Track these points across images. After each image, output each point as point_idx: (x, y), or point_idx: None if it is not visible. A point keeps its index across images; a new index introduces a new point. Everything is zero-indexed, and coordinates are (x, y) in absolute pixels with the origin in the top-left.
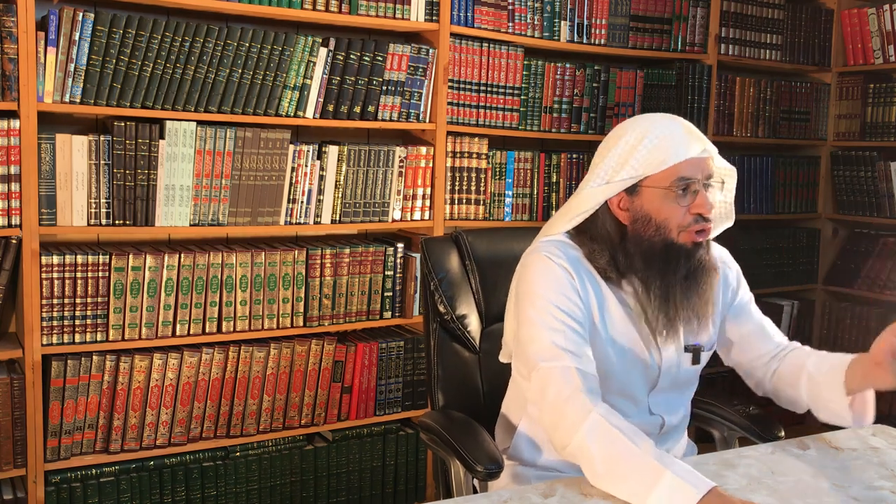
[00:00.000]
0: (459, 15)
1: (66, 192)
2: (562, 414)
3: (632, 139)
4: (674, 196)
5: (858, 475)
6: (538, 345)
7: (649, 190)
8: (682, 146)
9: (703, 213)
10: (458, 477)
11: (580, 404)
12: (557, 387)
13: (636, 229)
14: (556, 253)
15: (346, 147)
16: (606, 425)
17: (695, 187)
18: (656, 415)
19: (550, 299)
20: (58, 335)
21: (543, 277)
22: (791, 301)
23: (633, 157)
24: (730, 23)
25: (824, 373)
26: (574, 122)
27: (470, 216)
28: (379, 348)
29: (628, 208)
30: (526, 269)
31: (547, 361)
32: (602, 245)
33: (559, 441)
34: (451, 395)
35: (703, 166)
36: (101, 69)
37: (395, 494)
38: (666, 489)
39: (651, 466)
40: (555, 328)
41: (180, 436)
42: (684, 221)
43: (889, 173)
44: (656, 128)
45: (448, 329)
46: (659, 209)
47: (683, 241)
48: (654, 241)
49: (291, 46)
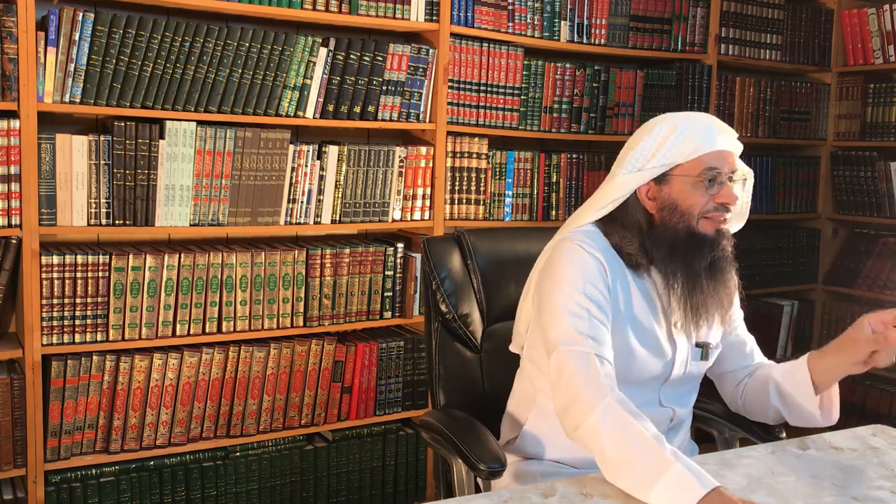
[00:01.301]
0: (459, 15)
1: (66, 192)
2: (577, 395)
3: (664, 130)
4: (702, 185)
5: (858, 475)
6: (560, 328)
7: (679, 178)
8: (712, 138)
9: (728, 202)
10: (461, 476)
11: (596, 387)
12: (574, 369)
13: (662, 217)
14: (587, 242)
15: (346, 147)
16: (621, 411)
17: (721, 178)
18: (667, 407)
19: (577, 286)
20: (58, 335)
21: (572, 264)
22: (791, 301)
23: (665, 146)
24: (730, 23)
25: (789, 375)
26: (574, 122)
27: (470, 216)
28: (379, 348)
29: (655, 197)
30: (556, 256)
31: (567, 345)
32: (632, 232)
33: (572, 421)
34: (452, 395)
35: (729, 160)
36: (101, 69)
37: (395, 494)
38: (671, 481)
39: (660, 457)
40: (578, 314)
41: (180, 436)
42: (706, 208)
43: (889, 173)
44: (688, 121)
45: (449, 328)
46: (686, 197)
47: (704, 229)
48: (679, 229)
49: (291, 46)
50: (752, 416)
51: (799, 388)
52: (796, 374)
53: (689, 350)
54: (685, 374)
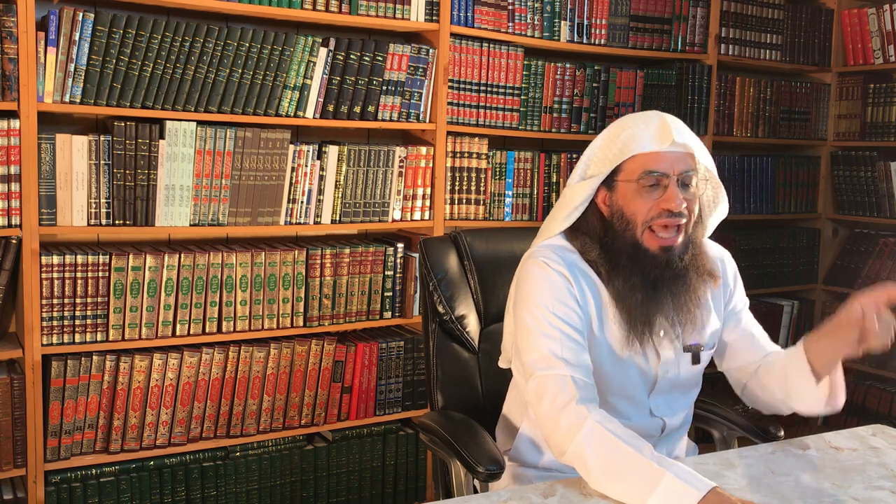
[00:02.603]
0: (459, 15)
1: (66, 192)
2: (557, 422)
3: (607, 134)
4: (642, 190)
5: (858, 475)
6: (535, 353)
7: (622, 184)
8: (648, 139)
9: (671, 207)
10: (459, 478)
11: (575, 412)
12: (553, 395)
13: (613, 224)
14: (552, 258)
15: (346, 147)
16: (603, 431)
17: (665, 182)
18: (657, 417)
19: (548, 306)
20: (58, 335)
21: (540, 284)
22: (791, 301)
23: (603, 150)
24: (730, 23)
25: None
26: (574, 122)
27: (470, 216)
28: (379, 348)
29: (609, 204)
30: (523, 275)
31: (543, 370)
32: (592, 239)
33: (557, 448)
34: (450, 396)
35: (676, 162)
36: (101, 69)
37: (395, 494)
38: (665, 491)
39: (650, 469)
40: (551, 336)
41: (180, 436)
42: (649, 216)
43: (889, 173)
44: (632, 122)
45: (447, 329)
46: (629, 203)
47: (648, 244)
48: (626, 238)
49: (291, 46)
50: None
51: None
52: (794, 360)
53: (677, 355)
54: (676, 380)
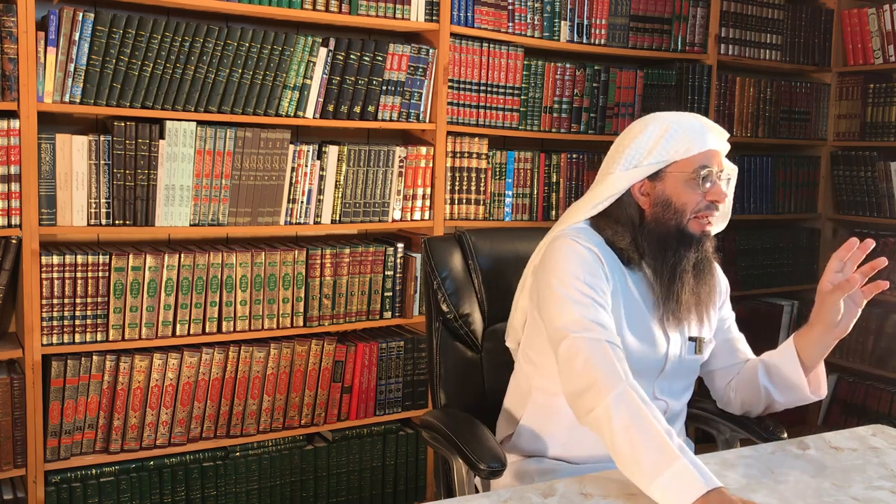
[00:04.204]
0: (459, 15)
1: (66, 192)
2: (592, 379)
3: (657, 129)
4: (695, 182)
5: (858, 475)
6: (567, 317)
7: (673, 175)
8: (705, 137)
9: (719, 200)
10: (461, 475)
11: (611, 373)
12: (588, 355)
13: (655, 213)
14: (581, 237)
15: (346, 147)
16: (634, 398)
17: (712, 177)
18: (660, 399)
19: (577, 275)
20: (58, 335)
21: (571, 258)
22: (791, 301)
23: (661, 144)
24: (730, 23)
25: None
26: (574, 122)
27: (470, 216)
28: (379, 348)
29: (649, 193)
30: (551, 251)
31: (577, 332)
32: (625, 227)
33: (585, 405)
34: (453, 394)
35: (719, 159)
36: (101, 69)
37: (395, 494)
38: (675, 475)
39: (668, 449)
40: (582, 302)
41: (180, 436)
42: (699, 206)
43: (889, 173)
44: (680, 120)
45: (450, 328)
46: (680, 193)
47: (693, 229)
48: (670, 225)
49: (291, 46)
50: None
51: (785, 361)
52: (783, 350)
53: (683, 344)
54: (679, 367)
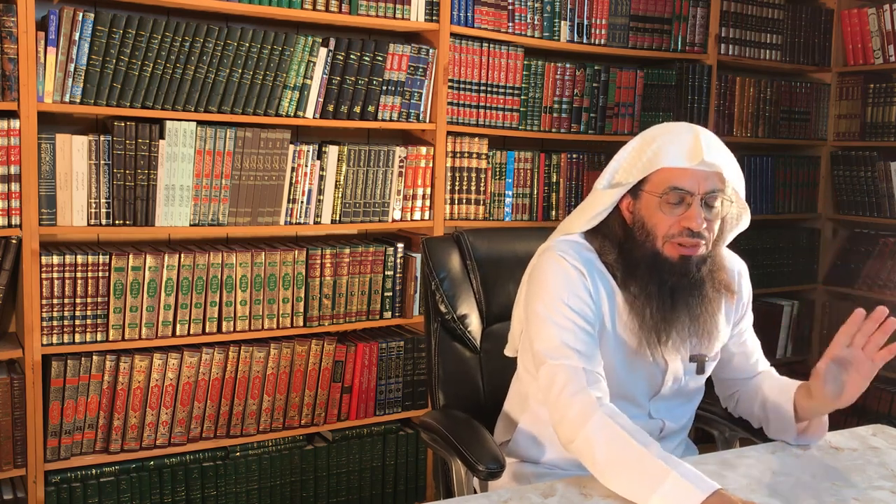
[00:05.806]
0: (459, 15)
1: (66, 192)
2: (567, 409)
3: (638, 143)
4: (665, 205)
5: (858, 475)
6: (547, 342)
7: (646, 196)
8: (677, 155)
9: (691, 227)
10: (459, 476)
11: (587, 401)
12: (563, 383)
13: (634, 232)
14: (570, 253)
15: (346, 147)
16: (612, 424)
17: (689, 200)
18: (656, 419)
19: (562, 297)
20: (58, 335)
21: (556, 276)
22: (791, 301)
23: (630, 161)
24: (730, 23)
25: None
26: (574, 122)
27: (470, 216)
28: (379, 348)
29: (632, 211)
30: (539, 266)
31: (555, 359)
32: (612, 242)
33: (565, 436)
34: (451, 395)
35: (700, 180)
36: (101, 69)
37: (395, 494)
38: (669, 490)
39: (656, 466)
40: (564, 326)
41: (180, 436)
42: (670, 232)
43: (889, 173)
44: (666, 134)
45: (449, 329)
46: (651, 216)
47: (669, 253)
48: (645, 247)
49: (291, 46)
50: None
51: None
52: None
53: (684, 365)
54: (679, 389)
